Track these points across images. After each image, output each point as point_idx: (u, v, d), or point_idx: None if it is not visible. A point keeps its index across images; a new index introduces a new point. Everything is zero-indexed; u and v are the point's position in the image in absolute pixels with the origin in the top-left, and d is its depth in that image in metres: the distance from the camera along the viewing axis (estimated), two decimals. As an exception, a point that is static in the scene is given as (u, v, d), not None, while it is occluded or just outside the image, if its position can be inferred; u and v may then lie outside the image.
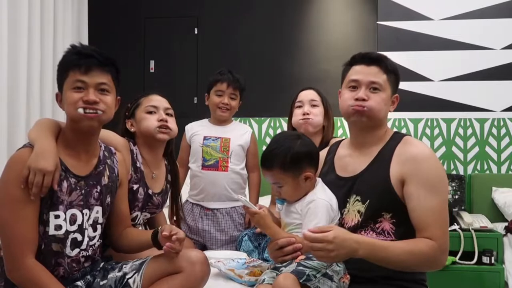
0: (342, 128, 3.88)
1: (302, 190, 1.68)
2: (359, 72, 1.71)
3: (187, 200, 2.67)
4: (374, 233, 1.62)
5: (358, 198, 1.66)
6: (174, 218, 2.24)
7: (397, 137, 1.69)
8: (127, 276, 1.64)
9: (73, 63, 1.57)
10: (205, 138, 2.61)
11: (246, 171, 2.71)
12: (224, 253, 2.34)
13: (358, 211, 1.65)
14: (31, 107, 3.18)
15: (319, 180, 1.73)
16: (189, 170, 2.67)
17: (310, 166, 1.68)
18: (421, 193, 1.55)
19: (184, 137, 2.68)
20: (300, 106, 2.46)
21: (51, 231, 1.54)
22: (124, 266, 1.69)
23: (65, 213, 1.57)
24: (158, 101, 2.09)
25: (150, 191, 2.04)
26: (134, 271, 1.65)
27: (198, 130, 2.65)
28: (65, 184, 1.56)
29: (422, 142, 1.73)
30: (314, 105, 2.44)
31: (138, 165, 2.02)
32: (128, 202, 1.87)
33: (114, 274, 1.66)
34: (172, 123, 2.08)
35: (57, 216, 1.55)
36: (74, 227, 1.59)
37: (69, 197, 1.58)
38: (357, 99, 1.67)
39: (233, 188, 2.60)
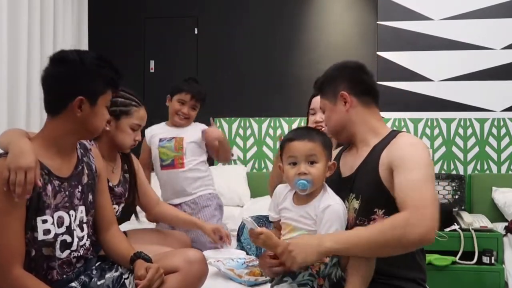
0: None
1: (322, 180, 1.63)
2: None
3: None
4: None
5: (354, 195, 1.66)
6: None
7: (393, 134, 1.67)
8: (124, 276, 1.64)
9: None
10: (160, 140, 2.73)
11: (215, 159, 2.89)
12: (223, 253, 2.34)
13: (353, 208, 1.65)
14: (31, 107, 3.18)
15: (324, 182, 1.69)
16: (157, 175, 2.80)
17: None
18: (401, 173, 1.52)
19: (144, 140, 2.80)
20: (313, 114, 2.45)
21: (40, 236, 1.51)
22: (120, 266, 1.68)
23: (52, 217, 1.54)
24: (143, 120, 2.19)
25: (110, 184, 2.08)
26: (130, 271, 1.65)
27: (156, 134, 2.77)
28: (49, 187, 1.54)
29: (416, 137, 1.72)
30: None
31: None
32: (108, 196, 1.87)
33: (111, 274, 1.65)
34: (139, 136, 2.22)
35: (44, 221, 1.52)
36: (62, 229, 1.57)
37: (55, 200, 1.55)
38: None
39: (194, 186, 2.72)
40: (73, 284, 1.60)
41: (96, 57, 1.60)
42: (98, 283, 1.63)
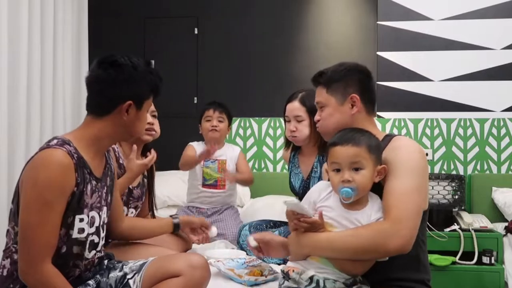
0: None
1: (369, 187, 1.54)
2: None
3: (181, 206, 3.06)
4: None
5: None
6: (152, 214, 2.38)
7: (388, 138, 1.65)
8: (128, 277, 1.65)
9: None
10: (205, 160, 2.93)
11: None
12: (223, 253, 2.34)
13: None
14: (31, 107, 3.18)
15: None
16: (189, 184, 3.06)
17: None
18: (390, 178, 1.52)
19: (192, 145, 3.04)
20: (288, 121, 2.47)
21: (74, 234, 1.53)
22: (124, 266, 1.70)
23: (88, 216, 1.56)
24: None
25: (130, 185, 2.10)
26: (135, 272, 1.66)
27: (199, 151, 2.96)
28: (89, 186, 1.56)
29: (412, 140, 1.68)
30: (299, 121, 2.43)
31: (121, 162, 2.10)
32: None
33: (115, 274, 1.67)
34: (156, 125, 2.19)
35: (81, 220, 1.54)
36: (93, 230, 1.59)
37: (91, 199, 1.57)
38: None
39: (224, 202, 3.02)
40: (89, 282, 1.62)
41: (144, 63, 1.65)
42: (106, 281, 1.66)
